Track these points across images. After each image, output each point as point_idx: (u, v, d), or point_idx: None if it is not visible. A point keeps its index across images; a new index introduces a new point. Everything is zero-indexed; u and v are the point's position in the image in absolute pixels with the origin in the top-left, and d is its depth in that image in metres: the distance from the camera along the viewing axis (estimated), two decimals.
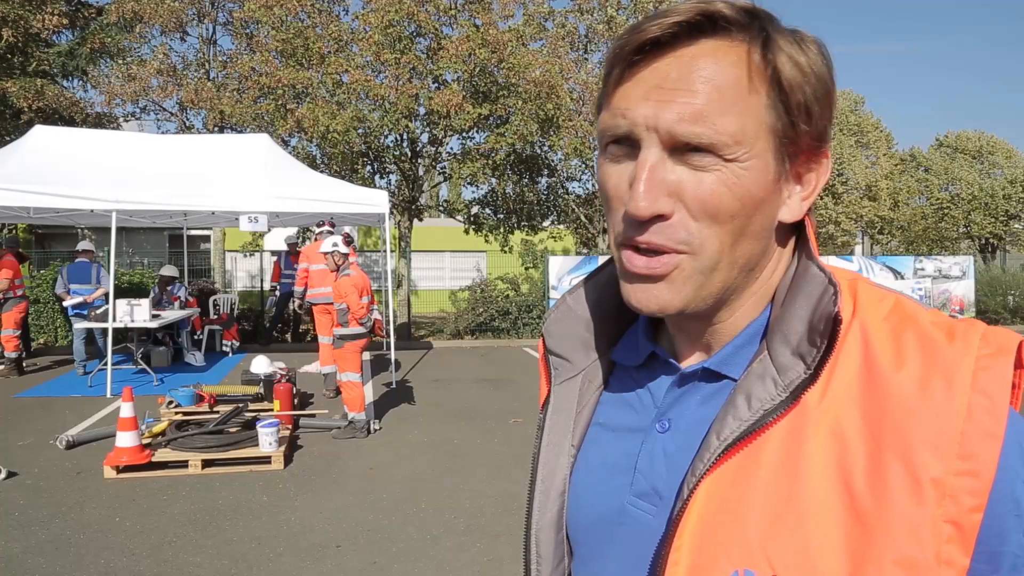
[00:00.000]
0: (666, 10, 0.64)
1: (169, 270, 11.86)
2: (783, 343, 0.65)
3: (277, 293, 13.90)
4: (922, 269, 16.73)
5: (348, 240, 7.48)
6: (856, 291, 0.67)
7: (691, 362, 0.73)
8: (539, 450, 0.81)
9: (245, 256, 19.97)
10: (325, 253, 7.44)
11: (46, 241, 23.31)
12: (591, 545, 0.76)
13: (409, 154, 16.23)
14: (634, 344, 0.79)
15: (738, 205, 0.63)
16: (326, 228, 9.52)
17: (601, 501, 0.75)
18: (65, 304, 10.53)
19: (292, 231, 14.96)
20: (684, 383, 0.73)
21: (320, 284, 9.12)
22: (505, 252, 17.44)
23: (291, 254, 13.40)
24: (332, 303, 7.28)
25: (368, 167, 16.31)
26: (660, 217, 0.63)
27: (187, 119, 17.79)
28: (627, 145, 0.65)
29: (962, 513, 0.57)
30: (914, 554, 0.57)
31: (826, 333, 0.63)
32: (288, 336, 14.19)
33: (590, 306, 0.81)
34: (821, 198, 28.56)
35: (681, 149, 0.63)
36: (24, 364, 10.67)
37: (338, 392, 7.97)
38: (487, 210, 17.67)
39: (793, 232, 0.72)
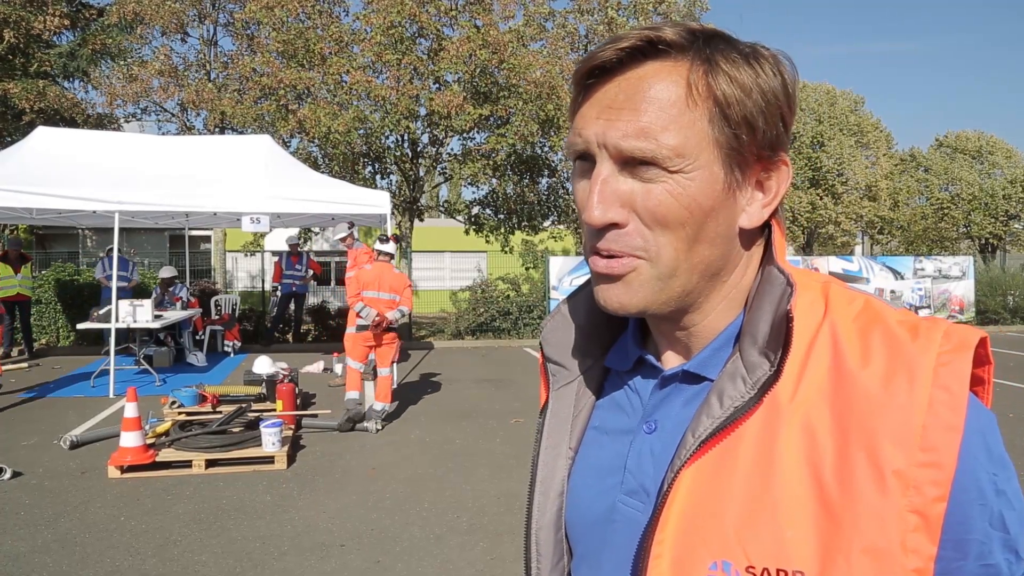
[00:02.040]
0: (616, 36, 0.70)
1: (168, 271, 11.89)
2: (752, 344, 0.70)
3: (278, 293, 13.92)
4: (922, 269, 16.75)
5: (383, 239, 7.55)
6: (828, 294, 0.72)
7: (673, 365, 0.78)
8: (538, 453, 0.85)
9: (246, 256, 20.00)
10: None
11: (47, 241, 23.37)
12: (588, 543, 0.80)
13: (410, 155, 16.26)
14: (624, 350, 0.83)
15: (686, 213, 0.68)
16: (354, 230, 9.97)
17: (596, 501, 0.79)
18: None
19: (294, 231, 14.98)
20: (666, 385, 0.77)
21: None
22: (506, 252, 17.47)
23: (292, 255, 13.40)
24: None
25: (369, 168, 16.35)
26: (615, 226, 0.69)
27: (188, 120, 17.83)
28: (588, 161, 0.71)
29: (926, 503, 0.60)
30: (880, 543, 0.60)
31: (783, 331, 0.68)
32: (290, 336, 14.21)
33: (584, 314, 0.85)
34: (820, 198, 28.57)
35: (631, 163, 0.68)
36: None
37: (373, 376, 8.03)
38: (488, 210, 17.70)
39: (761, 236, 0.76)
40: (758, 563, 0.63)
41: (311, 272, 13.74)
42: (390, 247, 7.48)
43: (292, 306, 13.93)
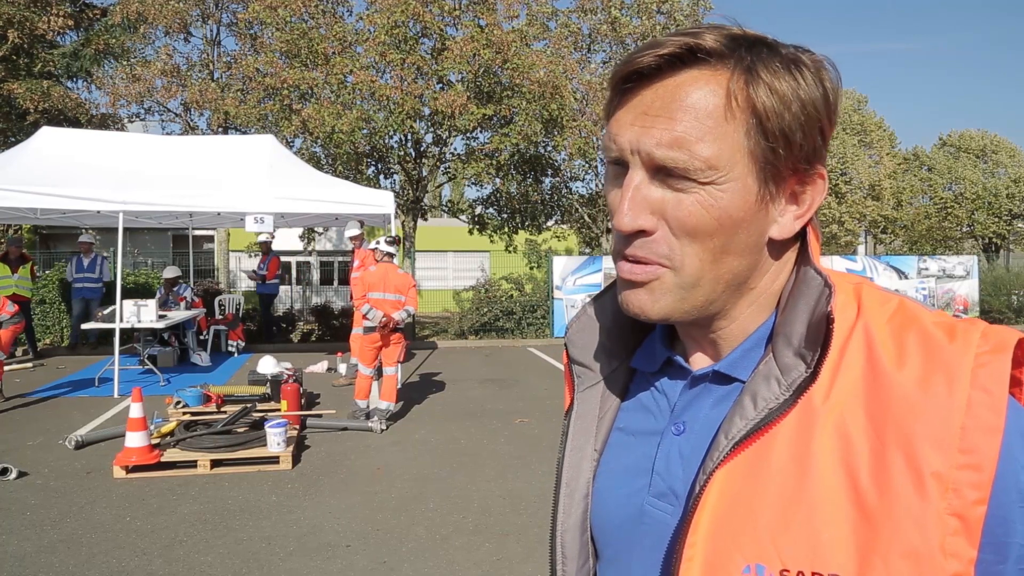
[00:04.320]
0: (655, 41, 0.68)
1: (172, 271, 11.88)
2: (786, 345, 0.69)
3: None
4: (926, 269, 16.72)
5: (389, 240, 7.57)
6: (860, 294, 0.71)
7: (702, 366, 0.77)
8: (563, 455, 0.84)
9: (250, 257, 20.03)
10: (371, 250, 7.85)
11: (50, 241, 23.39)
12: (615, 546, 0.79)
13: (413, 154, 16.26)
14: (651, 351, 0.82)
15: (715, 225, 0.67)
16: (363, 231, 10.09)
17: (623, 503, 0.78)
18: None
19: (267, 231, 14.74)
20: (696, 385, 0.76)
21: None
22: (509, 252, 17.46)
23: (264, 253, 13.16)
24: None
25: (372, 168, 16.36)
26: (643, 232, 0.68)
27: (191, 120, 17.85)
28: (621, 166, 0.71)
29: (966, 506, 0.59)
30: (919, 546, 0.59)
31: (822, 333, 0.66)
32: (293, 336, 14.19)
33: (610, 316, 0.84)
34: (824, 198, 28.55)
35: (662, 171, 0.67)
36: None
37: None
38: (491, 210, 17.71)
39: (794, 242, 0.75)
40: (793, 566, 0.62)
41: (264, 272, 13.23)
42: (393, 247, 7.51)
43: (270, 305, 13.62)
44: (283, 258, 15.11)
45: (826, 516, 0.62)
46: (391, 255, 7.47)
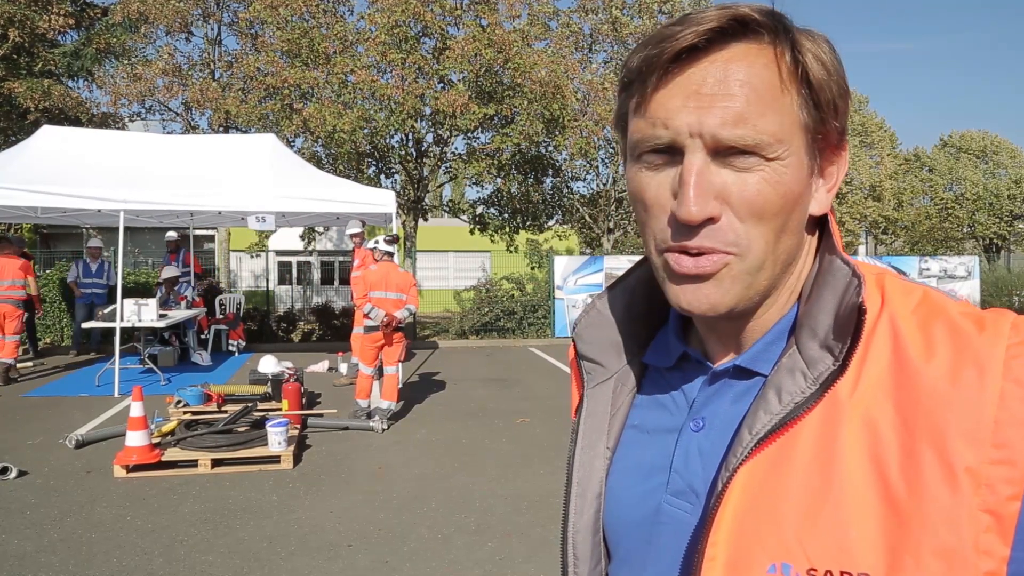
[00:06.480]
0: (696, 16, 0.65)
1: (169, 271, 11.81)
2: (811, 337, 0.67)
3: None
4: (927, 269, 16.72)
5: (388, 239, 7.56)
6: (884, 285, 0.68)
7: (722, 360, 0.74)
8: (574, 454, 0.81)
9: (252, 257, 20.02)
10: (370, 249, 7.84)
11: (51, 241, 23.41)
12: (629, 546, 0.76)
13: (414, 154, 16.24)
14: (665, 346, 0.80)
15: (781, 203, 0.65)
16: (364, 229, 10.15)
17: (639, 502, 0.75)
18: None
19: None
20: (716, 381, 0.74)
21: None
22: (510, 252, 17.45)
23: (171, 252, 12.88)
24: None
25: (373, 167, 16.35)
26: (710, 220, 0.64)
27: (192, 119, 17.84)
28: (667, 153, 0.66)
29: (1000, 502, 0.57)
30: (952, 544, 0.57)
31: (852, 324, 0.64)
32: (294, 336, 14.18)
33: (620, 310, 0.82)
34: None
35: (724, 153, 0.64)
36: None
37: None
38: (492, 210, 17.70)
39: (816, 226, 0.73)
40: (820, 565, 0.60)
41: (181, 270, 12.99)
42: (392, 246, 7.51)
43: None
44: (283, 258, 15.08)
45: (854, 513, 0.60)
46: (391, 254, 7.47)
